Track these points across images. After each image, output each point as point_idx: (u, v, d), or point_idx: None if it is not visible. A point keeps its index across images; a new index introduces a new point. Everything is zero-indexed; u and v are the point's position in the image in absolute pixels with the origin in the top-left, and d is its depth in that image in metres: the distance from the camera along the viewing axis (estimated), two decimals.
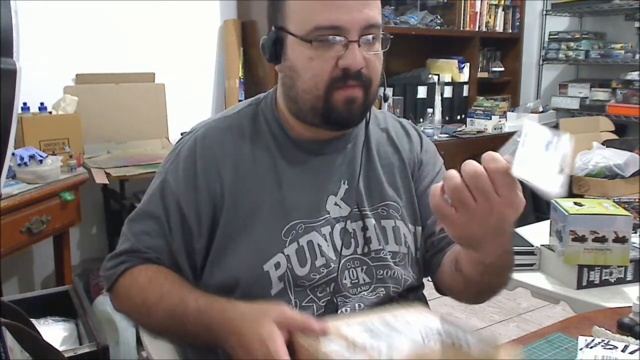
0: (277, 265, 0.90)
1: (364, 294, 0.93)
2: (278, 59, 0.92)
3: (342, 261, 0.93)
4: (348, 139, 0.99)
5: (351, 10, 0.85)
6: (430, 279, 1.05)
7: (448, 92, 3.68)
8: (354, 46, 0.86)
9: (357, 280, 0.93)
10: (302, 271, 0.90)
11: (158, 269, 0.91)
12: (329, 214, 0.94)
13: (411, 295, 1.00)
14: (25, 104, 2.30)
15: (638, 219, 1.55)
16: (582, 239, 1.29)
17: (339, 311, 0.91)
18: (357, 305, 0.92)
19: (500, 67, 3.99)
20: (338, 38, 0.85)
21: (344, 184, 0.97)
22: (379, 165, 1.01)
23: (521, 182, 0.69)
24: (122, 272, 0.93)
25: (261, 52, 0.94)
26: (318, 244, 0.92)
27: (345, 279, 0.93)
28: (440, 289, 1.03)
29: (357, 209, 0.96)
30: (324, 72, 0.87)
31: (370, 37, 0.87)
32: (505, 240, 0.77)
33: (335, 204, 0.95)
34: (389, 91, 3.39)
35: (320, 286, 0.91)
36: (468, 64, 3.74)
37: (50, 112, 2.36)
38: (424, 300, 1.04)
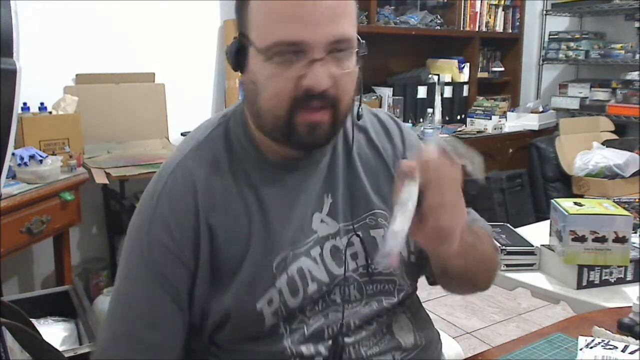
0: (270, 302, 0.84)
1: (356, 309, 0.89)
2: (242, 68, 0.84)
3: (335, 281, 0.88)
4: (325, 148, 0.91)
5: (316, 24, 0.76)
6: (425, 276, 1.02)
7: (448, 92, 3.69)
8: (317, 65, 0.77)
9: (348, 298, 0.89)
10: (295, 302, 0.85)
11: None
12: (316, 233, 0.88)
13: (407, 301, 0.96)
14: (25, 104, 2.30)
15: (638, 219, 1.55)
16: (582, 239, 1.29)
17: (330, 327, 0.87)
18: (351, 321, 0.88)
19: (500, 67, 3.99)
20: (300, 55, 0.77)
21: (327, 197, 0.90)
22: (361, 171, 0.94)
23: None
24: None
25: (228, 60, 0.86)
26: (308, 270, 0.86)
27: (334, 295, 0.88)
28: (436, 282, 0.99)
29: (345, 224, 0.90)
30: (286, 92, 0.78)
31: (339, 53, 0.79)
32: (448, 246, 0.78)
33: (322, 221, 0.89)
34: (390, 91, 3.39)
35: (309, 305, 0.87)
36: (468, 64, 3.74)
37: (50, 112, 2.36)
38: (417, 303, 1.01)
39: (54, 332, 1.77)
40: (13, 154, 1.91)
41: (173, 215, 0.84)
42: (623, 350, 0.88)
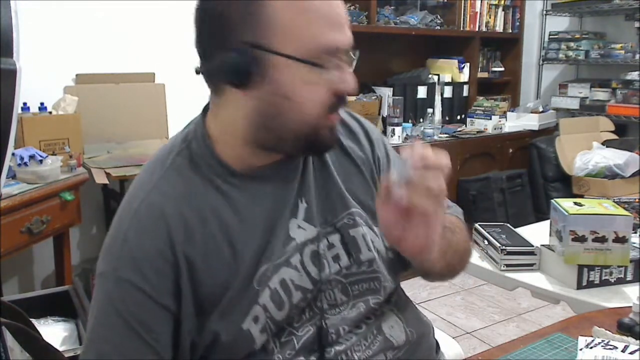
0: (256, 319, 0.81)
1: (344, 313, 0.88)
2: (249, 82, 0.77)
3: (319, 286, 0.87)
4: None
5: (345, 29, 0.78)
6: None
7: (448, 92, 3.68)
8: (347, 69, 0.79)
9: (335, 302, 0.88)
10: (281, 314, 0.83)
11: None
12: (294, 239, 0.86)
13: (392, 297, 0.96)
14: (25, 104, 2.30)
15: (638, 219, 1.55)
16: (582, 239, 1.28)
17: (320, 334, 0.86)
18: (340, 328, 0.87)
19: (500, 67, 3.99)
20: (338, 61, 0.78)
21: (301, 202, 0.88)
22: (334, 171, 0.92)
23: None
24: None
25: (219, 75, 0.80)
26: (291, 279, 0.84)
27: (320, 302, 0.86)
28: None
29: (323, 227, 0.89)
30: (323, 98, 0.78)
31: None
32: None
33: (299, 226, 0.87)
34: (390, 91, 3.39)
35: (296, 316, 0.85)
36: (468, 64, 3.74)
37: (50, 112, 2.36)
38: (403, 298, 1.01)
39: (54, 332, 1.77)
40: (13, 154, 1.91)
41: (144, 255, 0.78)
42: (623, 351, 0.88)
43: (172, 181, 0.83)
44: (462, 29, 3.67)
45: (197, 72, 0.84)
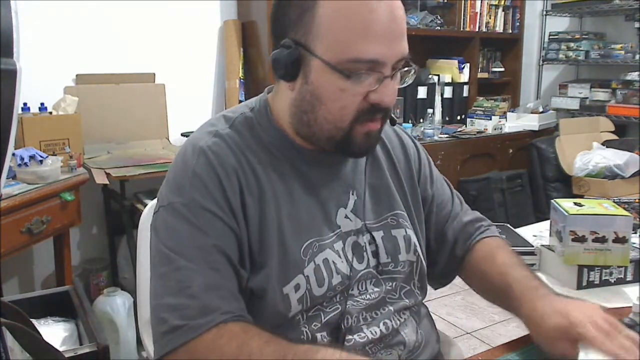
0: (297, 287, 0.85)
1: (368, 302, 0.92)
2: (294, 77, 0.83)
3: (356, 276, 0.91)
4: None
5: (391, 43, 0.80)
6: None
7: (448, 92, 3.69)
8: (388, 82, 0.81)
9: (365, 291, 0.92)
10: (320, 291, 0.87)
11: (242, 325, 0.78)
12: (339, 228, 0.91)
13: (422, 308, 1.01)
14: (25, 104, 2.31)
15: (638, 219, 1.55)
16: (582, 239, 1.28)
17: (345, 318, 0.89)
18: (361, 316, 0.91)
19: (500, 67, 3.99)
20: (371, 72, 0.80)
21: (352, 194, 0.93)
22: (386, 171, 0.98)
23: None
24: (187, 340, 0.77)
25: (271, 66, 0.84)
26: (333, 262, 0.88)
27: (352, 290, 0.90)
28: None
29: (368, 222, 0.93)
30: (353, 105, 0.81)
31: (400, 70, 0.84)
32: None
33: (346, 216, 0.91)
34: None
35: (331, 300, 0.89)
36: (468, 64, 3.74)
37: (51, 113, 2.36)
38: (426, 311, 1.05)
39: (54, 332, 1.76)
40: (13, 154, 1.91)
41: (214, 184, 0.83)
42: None
43: (234, 135, 0.88)
44: (462, 29, 3.68)
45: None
